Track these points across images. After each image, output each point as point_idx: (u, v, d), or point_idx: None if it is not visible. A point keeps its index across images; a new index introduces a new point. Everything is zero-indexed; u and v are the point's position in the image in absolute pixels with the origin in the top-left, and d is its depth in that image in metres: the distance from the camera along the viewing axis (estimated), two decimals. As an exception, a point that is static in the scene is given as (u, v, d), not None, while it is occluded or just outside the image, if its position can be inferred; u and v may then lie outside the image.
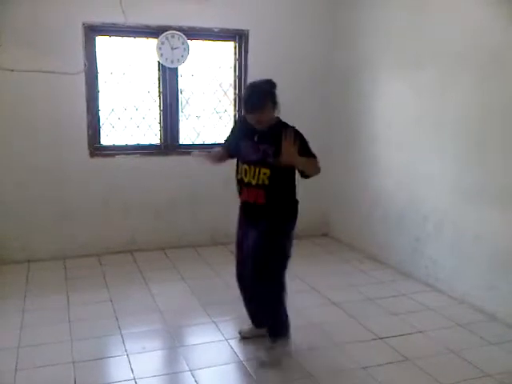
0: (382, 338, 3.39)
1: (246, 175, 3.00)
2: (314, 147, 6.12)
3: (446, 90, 4.06)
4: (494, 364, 3.09)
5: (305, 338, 3.39)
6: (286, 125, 2.99)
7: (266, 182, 2.94)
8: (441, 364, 3.09)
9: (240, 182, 3.07)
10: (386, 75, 4.76)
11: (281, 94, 5.45)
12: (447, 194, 4.09)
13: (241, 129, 3.14)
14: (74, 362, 3.04)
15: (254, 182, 2.97)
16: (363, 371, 3.00)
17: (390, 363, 3.10)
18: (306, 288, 4.26)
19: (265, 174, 2.92)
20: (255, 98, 2.91)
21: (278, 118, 3.07)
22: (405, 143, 4.56)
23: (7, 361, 3.04)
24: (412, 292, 4.17)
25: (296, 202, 3.11)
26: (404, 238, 4.59)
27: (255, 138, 2.98)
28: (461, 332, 3.51)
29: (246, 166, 2.99)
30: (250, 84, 3.08)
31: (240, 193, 3.09)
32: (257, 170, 2.94)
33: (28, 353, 3.15)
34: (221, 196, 5.10)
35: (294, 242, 3.13)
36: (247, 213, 3.12)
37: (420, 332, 3.49)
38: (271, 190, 2.95)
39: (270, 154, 2.90)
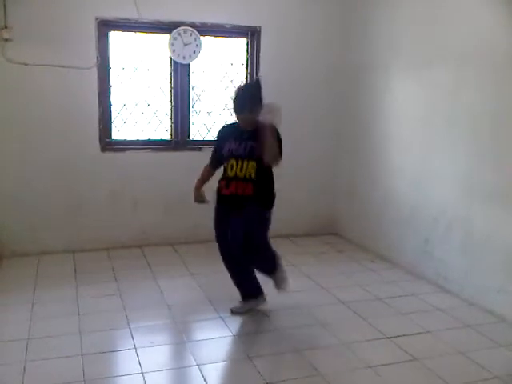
0: (390, 338, 3.37)
1: (231, 169, 3.41)
2: (325, 146, 6.15)
3: (458, 89, 4.03)
4: (502, 366, 3.07)
5: (312, 337, 3.40)
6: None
7: (253, 175, 3.36)
8: (449, 365, 3.07)
9: (226, 178, 3.47)
10: (398, 74, 4.74)
11: (292, 91, 5.49)
12: (458, 194, 4.07)
13: (227, 133, 3.55)
14: (82, 355, 3.06)
15: (241, 175, 3.37)
16: (370, 370, 2.98)
17: (398, 363, 3.08)
18: (314, 286, 4.26)
19: (253, 167, 3.34)
20: (244, 100, 3.33)
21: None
22: (416, 143, 4.54)
23: (17, 352, 3.07)
24: (421, 292, 4.15)
25: (274, 195, 3.54)
26: (414, 238, 4.56)
27: (243, 137, 3.38)
28: (470, 333, 3.48)
29: (233, 161, 3.39)
30: (240, 87, 3.45)
31: (227, 186, 3.46)
32: (245, 164, 3.35)
33: (37, 345, 3.17)
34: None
35: (303, 240, 3.13)
36: (233, 203, 3.47)
37: (429, 332, 3.47)
38: (257, 182, 3.38)
39: (258, 149, 3.29)
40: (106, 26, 4.76)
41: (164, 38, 4.95)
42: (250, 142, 3.34)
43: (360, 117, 5.29)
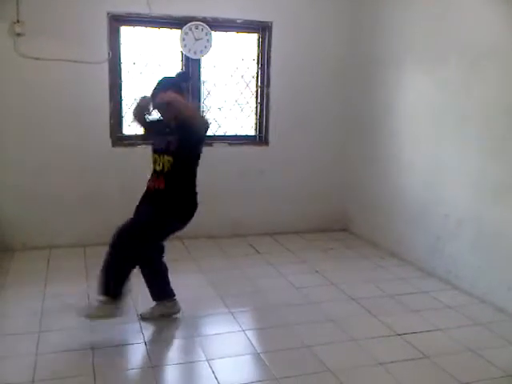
0: (400, 335, 3.36)
1: (154, 164, 3.34)
2: (335, 142, 6.03)
3: (471, 85, 3.99)
4: (514, 364, 3.05)
5: (323, 333, 3.38)
6: None
7: (169, 168, 3.24)
8: (460, 363, 3.05)
9: (153, 172, 3.36)
10: (409, 70, 4.70)
11: (303, 86, 5.45)
12: (470, 191, 4.03)
13: (157, 126, 3.43)
14: (92, 349, 3.08)
15: (158, 169, 3.29)
16: (381, 367, 2.97)
17: (408, 360, 3.07)
18: (324, 282, 4.25)
19: (169, 161, 3.22)
20: (163, 82, 3.31)
21: None
22: (428, 139, 4.50)
23: (28, 345, 3.09)
24: (432, 290, 4.13)
25: (193, 194, 3.35)
26: (425, 235, 4.53)
27: (166, 131, 3.29)
28: (481, 331, 3.46)
29: (155, 156, 3.32)
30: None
31: (150, 180, 3.39)
32: (162, 158, 3.26)
33: (48, 338, 3.19)
34: (236, 187, 5.13)
35: (313, 235, 3.10)
36: (145, 197, 3.47)
37: (439, 330, 3.45)
38: (171, 176, 3.24)
39: (174, 143, 3.21)
40: (117, 21, 4.77)
41: (175, 33, 4.95)
42: (169, 138, 3.24)
43: (371, 113, 5.26)
